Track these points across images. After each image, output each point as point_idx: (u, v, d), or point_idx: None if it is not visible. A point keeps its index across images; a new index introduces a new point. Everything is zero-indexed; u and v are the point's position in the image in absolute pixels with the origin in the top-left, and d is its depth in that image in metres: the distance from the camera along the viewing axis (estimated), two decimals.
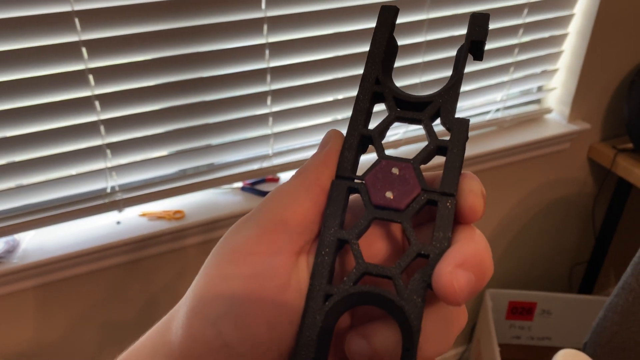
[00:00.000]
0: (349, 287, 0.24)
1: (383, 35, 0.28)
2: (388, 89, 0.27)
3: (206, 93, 0.90)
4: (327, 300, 0.24)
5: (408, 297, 0.23)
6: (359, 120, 0.27)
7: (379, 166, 0.26)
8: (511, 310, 1.47)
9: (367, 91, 0.28)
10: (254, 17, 0.86)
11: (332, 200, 0.25)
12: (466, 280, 0.22)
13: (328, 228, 0.25)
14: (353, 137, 0.27)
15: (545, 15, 1.13)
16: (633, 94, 1.20)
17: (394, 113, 0.27)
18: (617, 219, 1.41)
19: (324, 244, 0.25)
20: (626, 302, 0.76)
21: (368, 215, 0.25)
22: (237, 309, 0.23)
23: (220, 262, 0.24)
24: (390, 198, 0.25)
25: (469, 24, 0.27)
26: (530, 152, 1.25)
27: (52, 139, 0.82)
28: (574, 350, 0.76)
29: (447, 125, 0.26)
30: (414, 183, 0.25)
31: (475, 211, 0.24)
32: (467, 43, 0.27)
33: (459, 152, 0.25)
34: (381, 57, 0.28)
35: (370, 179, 0.25)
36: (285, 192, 0.25)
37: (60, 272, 0.91)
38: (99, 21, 0.77)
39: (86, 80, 0.80)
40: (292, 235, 0.24)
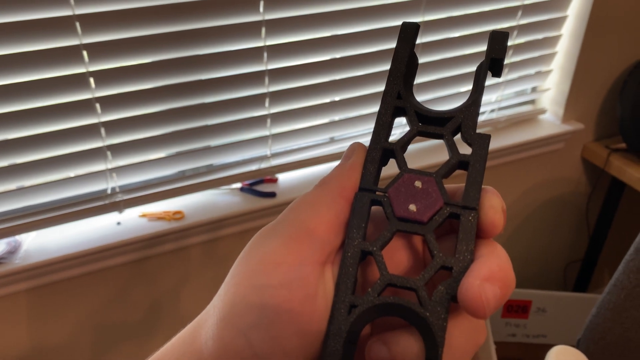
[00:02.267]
0: (373, 298, 0.24)
1: (404, 51, 0.29)
2: (410, 103, 0.28)
3: (205, 95, 0.91)
4: (352, 310, 0.24)
5: (432, 309, 0.24)
6: (382, 134, 0.28)
7: (401, 179, 0.26)
8: (507, 309, 1.48)
9: (389, 105, 0.28)
10: (252, 20, 0.87)
11: (355, 212, 0.26)
12: (493, 294, 0.23)
13: (352, 239, 0.25)
14: (376, 150, 0.27)
15: (539, 17, 1.15)
16: (625, 94, 1.22)
17: (416, 127, 0.28)
18: (610, 217, 1.42)
19: (348, 255, 0.25)
20: (618, 299, 0.77)
21: (391, 227, 0.25)
22: (268, 318, 0.23)
23: (249, 272, 0.25)
24: (413, 211, 0.25)
25: (489, 41, 0.28)
26: (525, 152, 1.27)
27: (54, 141, 0.83)
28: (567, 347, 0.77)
29: (468, 140, 0.27)
30: (436, 196, 0.26)
31: (496, 226, 0.25)
32: (487, 60, 0.28)
33: (481, 167, 0.26)
34: (403, 72, 0.28)
35: (393, 192, 0.26)
36: (309, 202, 0.26)
37: (61, 273, 0.92)
38: (100, 25, 0.78)
39: (87, 83, 0.81)
40: (318, 245, 0.25)
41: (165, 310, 1.06)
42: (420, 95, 1.10)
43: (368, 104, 1.05)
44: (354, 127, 1.07)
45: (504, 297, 0.23)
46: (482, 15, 1.08)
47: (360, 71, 1.01)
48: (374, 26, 0.98)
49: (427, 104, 1.17)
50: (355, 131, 1.08)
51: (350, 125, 1.07)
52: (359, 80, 1.02)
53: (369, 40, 0.98)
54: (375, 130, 0.28)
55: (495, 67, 0.28)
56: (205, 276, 1.03)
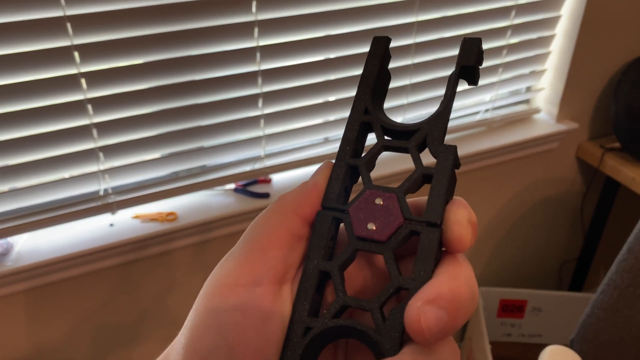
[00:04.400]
0: (327, 320, 0.24)
1: (374, 66, 0.28)
2: (376, 118, 0.27)
3: (198, 96, 0.91)
4: (307, 332, 0.24)
5: (386, 333, 0.23)
6: (347, 150, 0.27)
7: (362, 197, 0.25)
8: (502, 308, 1.48)
9: (355, 121, 0.27)
10: (245, 21, 0.87)
11: (315, 231, 0.25)
12: (435, 318, 0.21)
13: (311, 259, 0.25)
14: (340, 167, 0.27)
15: (533, 17, 1.15)
16: (619, 93, 1.22)
17: (381, 142, 0.27)
18: (605, 217, 1.43)
19: (306, 275, 0.25)
20: (611, 298, 0.77)
21: (350, 246, 0.25)
22: (225, 342, 0.23)
23: (207, 296, 0.25)
24: (372, 229, 0.25)
25: (460, 49, 0.27)
26: (520, 151, 1.27)
27: (45, 142, 0.83)
28: (560, 347, 0.77)
29: (433, 152, 0.26)
30: (396, 214, 0.25)
31: (462, 242, 0.23)
32: (457, 68, 0.27)
33: (444, 179, 0.25)
34: (371, 87, 0.28)
35: (353, 210, 0.25)
36: (262, 220, 0.26)
37: (54, 275, 0.91)
38: (91, 26, 0.78)
39: (78, 84, 0.81)
40: (271, 264, 0.24)
41: (158, 312, 1.05)
42: (413, 96, 1.10)
43: None
44: None
45: (453, 322, 0.21)
46: (476, 15, 1.08)
47: (354, 71, 1.00)
48: (368, 26, 0.98)
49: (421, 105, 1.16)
50: None
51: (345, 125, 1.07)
52: (353, 80, 1.01)
53: (363, 40, 0.98)
54: (341, 147, 0.27)
55: (468, 75, 0.27)
56: (198, 277, 1.03)
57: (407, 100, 1.10)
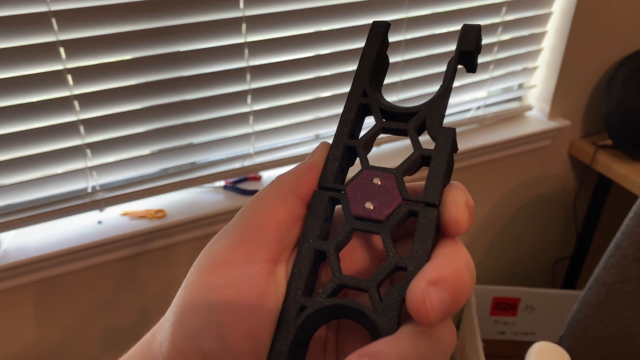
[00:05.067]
0: (323, 300, 0.23)
1: (372, 50, 0.28)
2: (375, 100, 0.27)
3: (186, 92, 0.90)
4: (301, 312, 0.23)
5: (382, 312, 0.22)
6: (344, 131, 0.27)
7: (360, 176, 0.25)
8: (495, 306, 1.48)
9: (353, 103, 0.27)
10: (233, 17, 0.87)
11: (312, 210, 0.25)
12: (439, 299, 0.21)
13: (306, 239, 0.25)
14: (337, 148, 0.26)
15: (524, 14, 1.15)
16: (611, 91, 1.21)
17: (379, 124, 0.27)
18: (598, 214, 1.42)
19: (301, 254, 0.24)
20: (599, 295, 0.77)
21: (347, 226, 0.25)
22: (216, 319, 0.23)
23: (199, 274, 0.24)
24: (370, 209, 0.24)
25: (460, 35, 0.27)
26: (512, 149, 1.26)
27: (31, 139, 0.82)
28: (548, 343, 0.77)
29: (432, 135, 0.26)
30: (394, 193, 0.25)
31: (459, 223, 0.23)
32: (457, 54, 0.27)
33: (443, 161, 0.25)
34: (369, 70, 0.28)
35: (351, 190, 0.25)
36: (260, 200, 0.25)
37: (41, 272, 0.91)
38: (76, 21, 0.78)
39: (64, 80, 0.80)
40: (267, 243, 0.24)
41: (147, 309, 1.05)
42: (404, 93, 1.10)
43: None
44: None
45: (455, 303, 0.21)
46: (466, 12, 1.08)
47: (344, 68, 1.00)
48: (357, 23, 0.97)
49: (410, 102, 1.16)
50: None
51: (336, 122, 1.07)
52: (344, 77, 1.01)
53: (352, 36, 0.98)
54: (339, 128, 0.27)
55: (467, 61, 0.28)
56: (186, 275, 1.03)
57: (398, 97, 1.09)
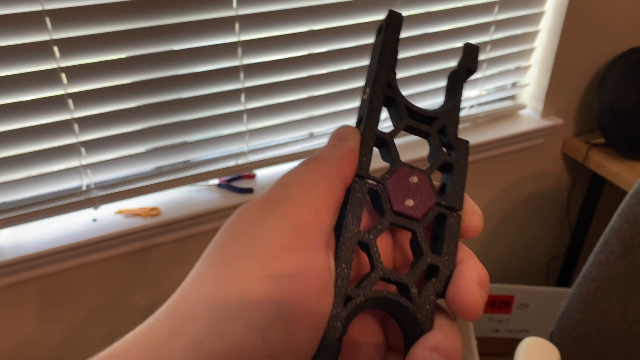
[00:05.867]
0: (369, 292, 0.24)
1: (394, 39, 0.28)
2: (400, 95, 0.28)
3: (180, 90, 0.91)
4: (347, 303, 0.23)
5: (421, 307, 0.24)
6: (375, 121, 0.27)
7: (398, 172, 0.26)
8: (489, 304, 1.49)
9: (380, 93, 0.27)
10: (226, 16, 0.87)
11: (354, 199, 0.25)
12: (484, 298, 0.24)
13: (349, 229, 0.24)
14: (371, 137, 0.26)
15: (516, 13, 1.16)
16: (603, 89, 1.22)
17: (406, 121, 0.27)
18: (591, 212, 1.43)
19: (347, 244, 0.24)
20: (588, 290, 0.78)
21: (387, 219, 0.25)
22: (287, 312, 0.21)
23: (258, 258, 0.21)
24: (410, 206, 0.25)
25: (464, 53, 0.29)
26: (505, 147, 1.27)
27: (26, 137, 0.83)
28: (538, 339, 0.78)
29: (451, 143, 0.28)
30: (429, 194, 0.26)
31: (477, 231, 0.27)
32: (464, 70, 0.29)
33: (464, 170, 0.27)
34: (394, 61, 0.28)
35: (391, 184, 0.26)
36: (307, 181, 0.24)
37: (36, 270, 0.92)
38: (70, 20, 0.78)
39: (58, 79, 0.81)
40: (324, 229, 0.23)
41: (142, 306, 1.05)
42: None
43: (347, 99, 1.05)
44: (333, 123, 1.08)
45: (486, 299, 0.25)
46: (459, 11, 1.08)
47: (337, 66, 1.01)
48: (350, 22, 0.98)
49: None
50: (335, 127, 1.08)
51: (330, 121, 1.07)
52: (337, 75, 1.02)
53: (345, 35, 0.98)
54: (369, 117, 0.26)
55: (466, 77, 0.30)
56: (181, 273, 1.03)
57: None
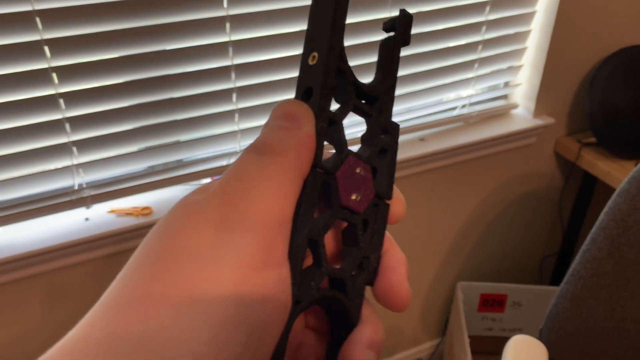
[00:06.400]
0: (315, 292, 0.23)
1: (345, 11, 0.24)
2: (349, 70, 0.24)
3: (172, 90, 0.91)
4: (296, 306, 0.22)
5: (353, 299, 0.24)
6: (329, 98, 0.23)
7: (347, 163, 0.24)
8: (483, 303, 1.49)
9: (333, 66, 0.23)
10: (217, 16, 0.88)
11: (308, 195, 0.22)
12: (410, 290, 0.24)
13: (301, 230, 0.22)
14: (325, 120, 0.23)
15: (508, 13, 1.16)
16: (594, 89, 1.23)
17: (353, 102, 0.25)
18: (584, 211, 1.44)
19: (300, 244, 0.22)
20: (575, 288, 0.78)
21: (334, 214, 0.24)
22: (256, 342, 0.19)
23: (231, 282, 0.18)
24: (356, 200, 0.24)
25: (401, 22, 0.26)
26: (498, 146, 1.28)
27: (17, 136, 0.83)
28: (526, 336, 0.78)
29: (385, 126, 0.26)
30: (371, 186, 0.25)
31: (401, 218, 0.26)
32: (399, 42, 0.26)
33: (394, 156, 0.26)
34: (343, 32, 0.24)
35: (340, 176, 0.24)
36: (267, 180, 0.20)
37: (29, 269, 0.92)
38: (61, 20, 0.79)
39: (49, 79, 0.81)
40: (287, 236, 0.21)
41: None
42: None
43: None
44: None
45: None
46: (450, 11, 1.09)
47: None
48: None
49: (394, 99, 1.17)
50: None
51: None
52: None
53: None
54: (322, 93, 0.23)
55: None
56: None
57: None
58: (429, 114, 1.20)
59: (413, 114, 1.18)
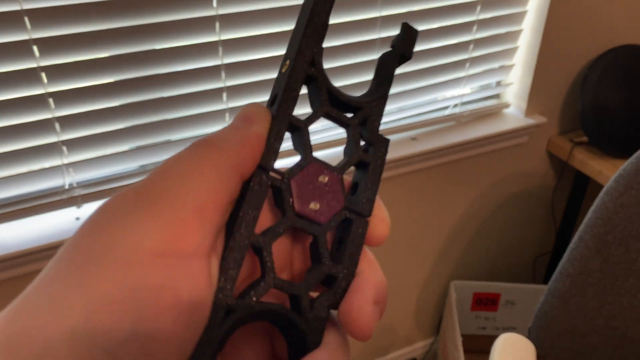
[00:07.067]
0: (254, 304, 0.21)
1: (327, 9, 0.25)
2: (322, 76, 0.24)
3: (163, 89, 0.91)
4: (228, 316, 0.21)
5: (311, 322, 0.22)
6: (290, 103, 0.23)
7: (307, 169, 0.23)
8: (476, 302, 1.50)
9: (300, 70, 0.23)
10: (206, 15, 0.88)
11: (251, 197, 0.22)
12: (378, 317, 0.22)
13: (241, 231, 0.21)
14: (283, 123, 0.23)
15: (499, 12, 1.16)
16: (586, 88, 1.23)
17: (325, 108, 0.24)
18: (577, 210, 1.44)
19: (235, 249, 0.21)
20: (564, 286, 0.79)
21: (287, 222, 0.23)
22: (144, 332, 0.17)
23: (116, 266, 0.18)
24: (314, 209, 0.23)
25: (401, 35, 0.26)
26: (490, 145, 1.28)
27: (7, 136, 0.83)
28: (514, 334, 0.79)
29: (370, 139, 0.25)
30: (339, 197, 0.23)
31: (382, 239, 0.24)
32: (398, 56, 0.25)
33: (378, 173, 0.24)
34: (322, 33, 0.24)
35: (296, 183, 0.23)
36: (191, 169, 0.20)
37: (19, 268, 0.92)
38: (49, 19, 0.79)
39: (39, 78, 0.81)
40: (208, 230, 0.20)
41: None
42: None
43: None
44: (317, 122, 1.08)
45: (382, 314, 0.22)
46: (441, 10, 1.09)
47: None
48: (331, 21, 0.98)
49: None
50: (319, 125, 1.09)
51: None
52: None
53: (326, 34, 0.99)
54: (283, 97, 0.23)
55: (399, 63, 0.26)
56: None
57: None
58: (420, 113, 1.20)
59: (405, 113, 1.18)
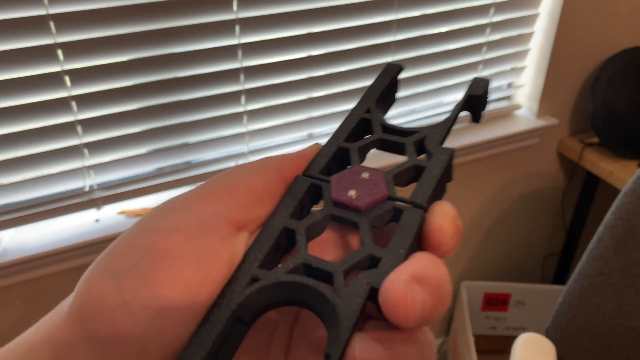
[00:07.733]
0: (280, 275, 0.21)
1: (382, 82, 0.29)
2: (377, 117, 0.28)
3: (182, 92, 0.92)
4: (252, 283, 0.21)
5: (346, 298, 0.20)
6: (340, 135, 0.27)
7: (349, 169, 0.25)
8: (486, 302, 1.51)
9: (355, 116, 0.28)
10: (226, 19, 0.89)
11: (290, 191, 0.24)
12: (420, 299, 0.18)
13: (276, 215, 0.23)
14: (330, 147, 0.26)
15: (512, 15, 1.17)
16: (596, 90, 1.24)
17: (378, 134, 0.27)
18: (586, 211, 1.45)
19: (267, 227, 0.23)
20: (582, 287, 0.80)
21: (324, 210, 0.24)
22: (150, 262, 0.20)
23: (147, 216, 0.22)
24: (351, 196, 0.23)
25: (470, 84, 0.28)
26: (501, 147, 1.29)
27: (30, 139, 0.84)
28: (534, 334, 0.80)
29: (430, 151, 0.26)
30: (381, 187, 0.24)
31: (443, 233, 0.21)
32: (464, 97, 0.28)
33: (437, 172, 0.24)
34: (377, 95, 0.29)
35: (336, 178, 0.24)
36: (240, 168, 0.24)
37: (40, 270, 0.93)
38: (74, 24, 0.80)
39: (62, 82, 0.82)
40: (235, 205, 0.22)
41: None
42: None
43: (345, 100, 1.07)
44: (332, 124, 1.09)
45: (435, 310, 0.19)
46: (455, 13, 1.10)
47: (335, 68, 1.02)
48: (348, 24, 0.99)
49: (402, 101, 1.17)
50: (334, 128, 1.10)
51: (329, 122, 1.09)
52: (336, 77, 1.03)
53: (343, 37, 1.00)
54: (335, 133, 0.27)
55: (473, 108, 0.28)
56: None
57: None
58: (432, 115, 1.21)
59: (417, 115, 1.19)
